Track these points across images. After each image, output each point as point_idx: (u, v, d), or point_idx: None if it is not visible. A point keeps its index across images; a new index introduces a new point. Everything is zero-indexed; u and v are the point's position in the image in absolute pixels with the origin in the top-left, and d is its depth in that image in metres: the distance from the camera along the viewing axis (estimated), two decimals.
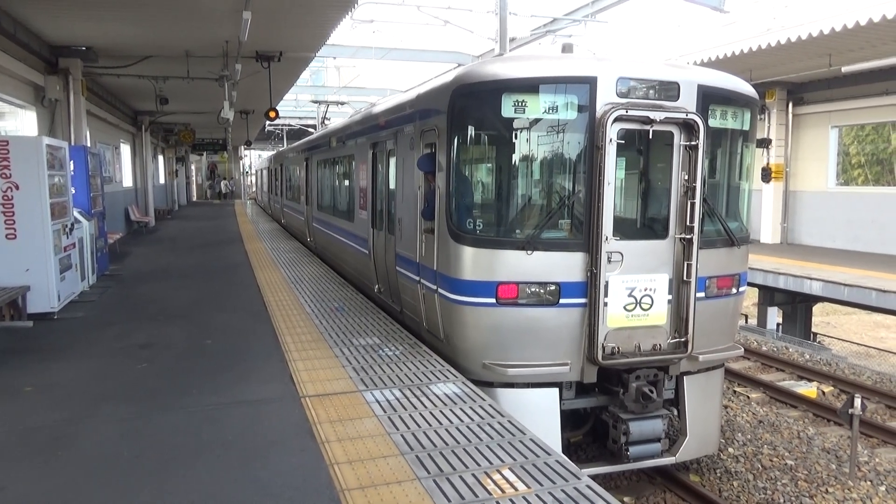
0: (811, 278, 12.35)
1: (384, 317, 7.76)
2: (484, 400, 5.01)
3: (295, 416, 4.67)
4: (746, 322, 16.25)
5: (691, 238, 5.73)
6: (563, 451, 5.31)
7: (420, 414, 4.69)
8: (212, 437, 4.35)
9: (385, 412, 4.72)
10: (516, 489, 3.58)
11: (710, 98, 5.88)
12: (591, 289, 5.61)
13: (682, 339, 5.85)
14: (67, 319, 7.93)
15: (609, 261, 5.59)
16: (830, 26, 11.68)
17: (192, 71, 13.34)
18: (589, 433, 6.47)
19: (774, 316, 15.10)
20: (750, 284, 14.57)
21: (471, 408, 4.82)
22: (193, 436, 4.37)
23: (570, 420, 6.16)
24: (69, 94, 12.09)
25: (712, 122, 5.92)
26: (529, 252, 5.55)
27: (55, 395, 5.25)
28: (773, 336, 13.85)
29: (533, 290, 5.61)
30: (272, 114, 14.77)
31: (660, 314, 5.82)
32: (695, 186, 5.68)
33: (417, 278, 6.73)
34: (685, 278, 5.78)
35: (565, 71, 5.71)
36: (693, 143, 5.68)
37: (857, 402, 6.89)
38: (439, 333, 6.32)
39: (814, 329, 15.96)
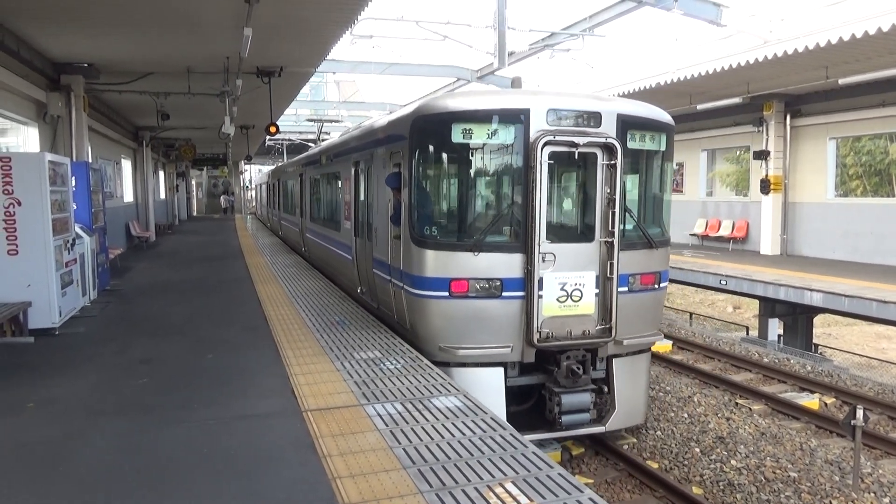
0: (812, 290, 12.34)
1: (385, 331, 7.78)
2: (486, 413, 5.01)
3: (296, 431, 4.66)
4: (748, 334, 16.23)
5: (613, 241, 6.80)
6: (508, 421, 5.44)
7: (422, 427, 4.69)
8: (212, 451, 4.34)
9: (387, 426, 4.71)
10: (519, 502, 3.57)
11: (628, 124, 6.97)
12: (528, 284, 6.65)
13: (608, 326, 6.90)
14: (68, 335, 7.93)
15: (543, 260, 6.66)
16: (826, 39, 11.77)
17: (193, 87, 13.41)
18: (535, 407, 7.31)
19: (776, 327, 15.04)
20: (750, 296, 14.59)
21: (472, 421, 4.82)
22: (194, 450, 4.36)
23: (517, 396, 7.11)
24: (71, 110, 12.14)
25: (631, 144, 7.05)
26: (476, 253, 6.62)
27: (55, 410, 5.24)
28: (775, 348, 13.82)
29: (480, 285, 6.66)
30: (272, 129, 14.82)
31: (588, 305, 6.89)
32: (615, 198, 6.77)
33: (389, 278, 7.78)
34: (609, 275, 6.84)
35: (504, 104, 6.83)
36: (612, 162, 6.78)
37: (860, 413, 6.89)
38: (406, 323, 7.40)
39: (815, 340, 15.91)
